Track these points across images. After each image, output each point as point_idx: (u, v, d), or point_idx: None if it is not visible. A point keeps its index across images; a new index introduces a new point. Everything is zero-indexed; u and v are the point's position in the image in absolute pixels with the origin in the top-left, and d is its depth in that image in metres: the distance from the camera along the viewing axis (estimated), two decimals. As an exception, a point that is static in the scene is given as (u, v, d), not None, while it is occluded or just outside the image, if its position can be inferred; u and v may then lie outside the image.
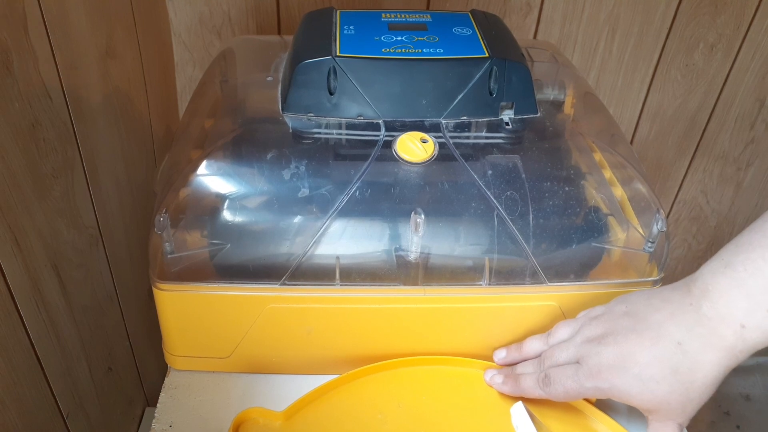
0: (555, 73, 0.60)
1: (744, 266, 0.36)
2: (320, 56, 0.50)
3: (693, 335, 0.37)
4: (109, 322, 0.71)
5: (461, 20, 0.56)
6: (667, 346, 0.38)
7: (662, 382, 0.38)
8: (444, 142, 0.50)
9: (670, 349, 0.38)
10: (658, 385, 0.38)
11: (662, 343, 0.38)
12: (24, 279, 0.51)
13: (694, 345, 0.37)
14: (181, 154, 0.52)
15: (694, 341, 0.37)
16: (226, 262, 0.48)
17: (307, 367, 0.51)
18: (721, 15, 0.89)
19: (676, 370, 0.38)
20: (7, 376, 0.50)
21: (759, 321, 0.36)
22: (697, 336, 0.37)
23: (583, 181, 0.51)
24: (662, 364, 0.38)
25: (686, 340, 0.37)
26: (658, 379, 0.38)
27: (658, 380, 0.38)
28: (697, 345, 0.37)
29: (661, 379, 0.38)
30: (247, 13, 0.83)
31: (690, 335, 0.37)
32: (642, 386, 0.39)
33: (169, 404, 0.50)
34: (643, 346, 0.38)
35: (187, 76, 0.88)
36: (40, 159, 0.53)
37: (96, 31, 0.62)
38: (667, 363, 0.38)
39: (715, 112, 0.99)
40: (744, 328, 0.36)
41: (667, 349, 0.38)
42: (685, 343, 0.37)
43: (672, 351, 0.38)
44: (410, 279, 0.48)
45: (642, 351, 0.38)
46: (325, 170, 0.48)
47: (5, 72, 0.47)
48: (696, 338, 0.37)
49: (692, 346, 0.37)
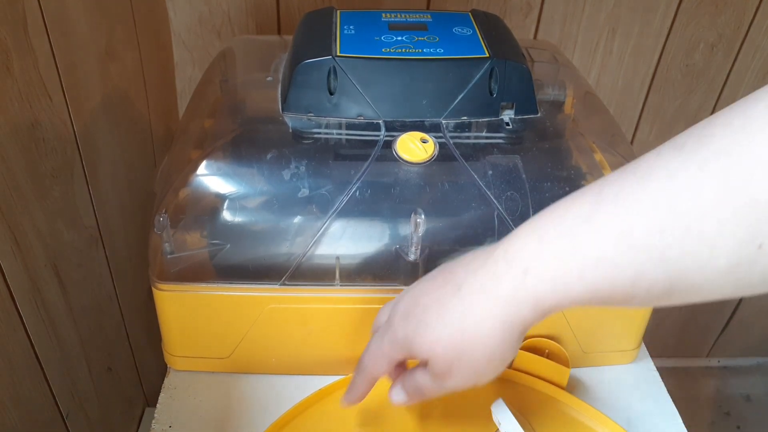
0: (555, 73, 0.60)
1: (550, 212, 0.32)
2: (320, 56, 0.50)
3: (474, 278, 0.33)
4: (109, 322, 0.71)
5: (461, 20, 0.56)
6: (449, 291, 0.34)
7: (431, 325, 0.35)
8: (444, 142, 0.50)
9: (451, 293, 0.34)
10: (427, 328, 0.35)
11: (447, 288, 0.35)
12: (24, 279, 0.51)
13: (471, 289, 0.33)
14: (180, 154, 0.52)
15: (472, 285, 0.33)
16: (226, 263, 0.48)
17: (307, 368, 0.51)
18: (722, 15, 0.89)
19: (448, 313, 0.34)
20: (7, 376, 0.50)
21: (544, 267, 0.31)
22: (477, 278, 0.33)
23: (584, 182, 0.51)
24: (439, 308, 0.35)
25: (466, 284, 0.34)
26: (429, 322, 0.35)
27: (428, 323, 0.35)
28: (474, 289, 0.33)
29: (431, 322, 0.35)
30: (247, 13, 0.83)
31: (471, 278, 0.34)
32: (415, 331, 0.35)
33: (169, 404, 0.50)
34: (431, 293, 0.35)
35: (187, 76, 0.88)
36: (39, 159, 0.52)
37: (96, 31, 0.62)
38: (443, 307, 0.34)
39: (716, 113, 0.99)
40: (526, 274, 0.31)
41: (448, 293, 0.34)
42: (464, 287, 0.34)
43: (451, 294, 0.34)
44: (410, 279, 0.48)
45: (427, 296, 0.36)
46: (325, 170, 0.48)
47: (5, 72, 0.46)
48: (475, 281, 0.33)
49: (469, 290, 0.34)
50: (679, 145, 0.28)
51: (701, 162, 0.27)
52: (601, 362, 0.54)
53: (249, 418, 0.49)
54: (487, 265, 0.33)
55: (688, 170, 0.27)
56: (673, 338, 1.30)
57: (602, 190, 0.30)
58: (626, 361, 0.55)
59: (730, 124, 0.27)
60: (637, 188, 0.28)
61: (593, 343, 0.53)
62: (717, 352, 1.34)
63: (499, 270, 0.32)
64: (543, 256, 0.31)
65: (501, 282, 0.32)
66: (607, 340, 0.53)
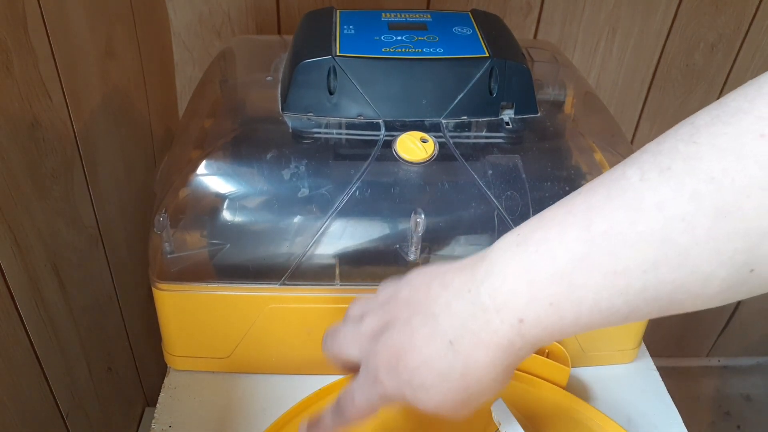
0: (555, 73, 0.60)
1: (537, 246, 0.29)
2: (320, 56, 0.50)
3: (465, 331, 0.31)
4: (109, 322, 0.71)
5: (461, 20, 0.56)
6: (438, 348, 0.32)
7: (432, 390, 0.32)
8: (444, 141, 0.50)
9: (442, 350, 0.32)
10: (428, 393, 0.33)
11: (434, 343, 0.32)
12: (24, 279, 0.51)
13: (466, 343, 0.31)
14: (180, 154, 0.52)
15: (466, 339, 0.31)
16: (226, 262, 0.48)
17: (307, 367, 0.51)
18: (722, 15, 0.89)
19: (446, 375, 0.32)
20: (6, 376, 0.50)
21: (539, 315, 0.29)
22: (470, 332, 0.31)
23: (584, 181, 0.51)
24: (432, 369, 0.32)
25: (458, 338, 0.31)
26: (427, 387, 0.32)
27: (427, 388, 0.32)
28: (468, 343, 0.31)
29: (430, 387, 0.32)
30: (247, 13, 0.83)
31: (462, 331, 0.31)
32: (413, 393, 0.33)
33: (169, 404, 0.50)
34: (415, 347, 0.32)
35: (187, 76, 0.88)
36: (39, 159, 0.52)
37: (96, 30, 0.62)
38: (437, 367, 0.32)
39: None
40: (522, 323, 0.30)
41: (439, 350, 0.32)
42: (457, 342, 0.31)
43: (443, 352, 0.32)
44: (410, 279, 0.48)
45: (414, 353, 0.32)
46: (325, 170, 0.48)
47: (5, 72, 0.46)
48: (468, 335, 0.31)
49: (464, 344, 0.31)
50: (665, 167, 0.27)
51: (692, 193, 0.25)
52: (601, 362, 0.54)
53: (249, 418, 0.49)
54: (475, 314, 0.31)
55: (678, 201, 0.26)
56: (673, 338, 1.30)
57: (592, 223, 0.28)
58: (626, 360, 0.55)
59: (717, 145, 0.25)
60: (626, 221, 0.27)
61: (593, 343, 0.53)
62: (717, 351, 1.34)
63: (492, 320, 0.30)
64: (537, 305, 0.29)
65: (496, 333, 0.30)
66: (607, 339, 0.53)
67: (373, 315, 0.36)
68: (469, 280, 0.32)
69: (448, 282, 0.33)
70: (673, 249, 0.26)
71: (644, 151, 0.28)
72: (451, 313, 0.32)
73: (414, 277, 0.35)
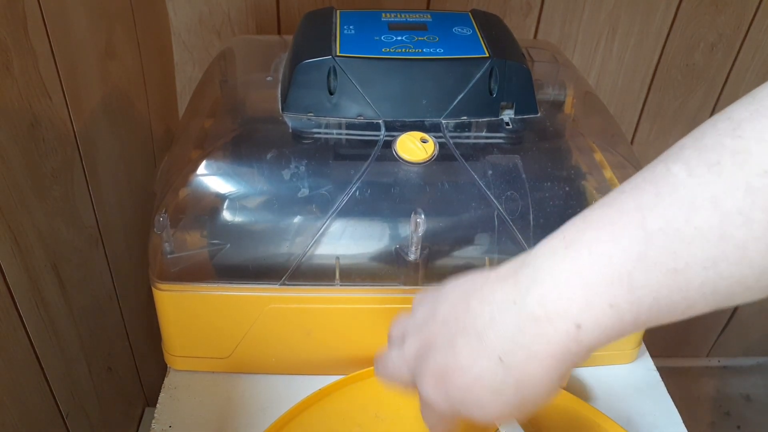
0: (555, 73, 0.60)
1: (589, 248, 0.28)
2: (320, 56, 0.50)
3: (515, 346, 0.30)
4: (109, 322, 0.71)
5: (461, 20, 0.56)
6: (487, 365, 0.31)
7: (488, 406, 0.32)
8: (444, 142, 0.50)
9: (492, 367, 0.31)
10: (484, 409, 0.32)
11: (482, 361, 0.31)
12: (24, 279, 0.51)
13: (517, 358, 0.30)
14: (180, 154, 0.52)
15: (516, 353, 0.30)
16: (226, 262, 0.48)
17: (307, 368, 0.51)
18: (722, 15, 0.89)
19: (500, 391, 0.31)
20: (6, 376, 0.50)
21: (597, 319, 0.28)
22: (520, 346, 0.30)
23: (584, 181, 0.51)
24: (484, 387, 0.31)
25: (508, 354, 0.30)
26: (483, 404, 0.32)
27: (483, 405, 0.32)
28: (520, 358, 0.30)
29: (486, 404, 0.32)
30: (247, 13, 0.83)
31: (512, 346, 0.30)
32: (468, 411, 0.33)
33: (169, 404, 0.50)
34: (463, 366, 0.32)
35: (187, 76, 0.88)
36: (39, 159, 0.52)
37: (96, 31, 0.62)
38: (489, 385, 0.31)
39: (716, 113, 0.99)
40: (579, 329, 0.29)
41: (489, 368, 0.31)
42: (507, 357, 0.30)
43: (493, 370, 0.31)
44: (410, 279, 0.48)
45: (462, 372, 0.32)
46: (325, 170, 0.48)
47: (5, 72, 0.46)
48: (519, 349, 0.30)
49: (515, 359, 0.30)
50: (713, 162, 0.26)
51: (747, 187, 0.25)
52: (601, 362, 0.54)
53: (249, 418, 0.49)
54: (524, 326, 0.30)
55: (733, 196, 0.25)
56: (673, 338, 1.30)
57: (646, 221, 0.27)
58: (626, 361, 0.55)
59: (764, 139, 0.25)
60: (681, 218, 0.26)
61: (593, 343, 0.53)
62: (717, 352, 1.34)
63: (544, 331, 0.29)
64: (595, 308, 0.28)
65: (550, 343, 0.29)
66: (607, 340, 0.53)
67: (413, 337, 0.35)
68: (512, 291, 0.31)
69: (487, 296, 0.32)
70: (731, 244, 0.26)
71: (683, 147, 0.28)
72: (497, 328, 0.31)
73: (449, 293, 0.34)
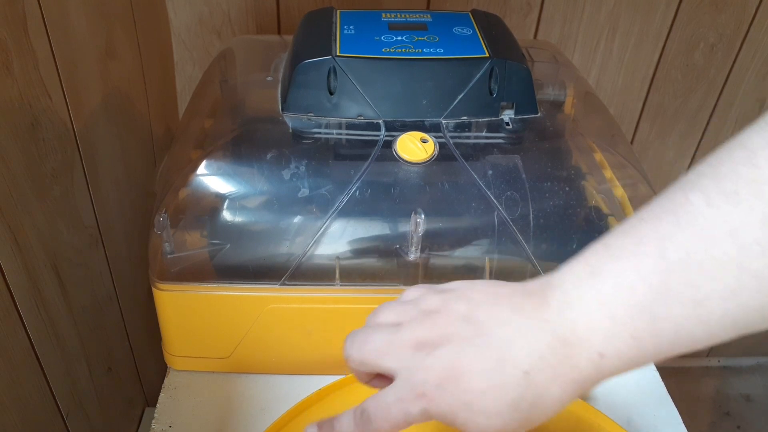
0: (555, 73, 0.60)
1: (613, 279, 0.29)
2: (320, 56, 0.50)
3: (544, 364, 0.30)
4: (109, 322, 0.71)
5: (461, 20, 0.56)
6: (511, 376, 0.30)
7: (496, 417, 0.31)
8: (444, 142, 0.50)
9: (514, 380, 0.30)
10: (489, 420, 0.31)
11: (506, 370, 0.30)
12: (24, 279, 0.51)
13: (543, 376, 0.30)
14: (180, 154, 0.52)
15: (544, 371, 0.30)
16: (226, 262, 0.48)
17: (307, 368, 0.51)
18: (722, 15, 0.89)
19: (515, 405, 0.30)
20: (6, 376, 0.50)
21: (619, 349, 0.29)
22: (549, 366, 0.30)
23: (584, 181, 0.51)
24: (501, 396, 0.30)
25: (535, 370, 0.30)
26: (491, 414, 0.30)
27: (490, 414, 0.30)
28: (546, 377, 0.30)
29: (495, 414, 0.31)
30: (247, 13, 0.83)
31: (541, 364, 0.30)
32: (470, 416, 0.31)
33: (169, 404, 0.50)
34: (481, 370, 0.31)
35: (187, 76, 0.88)
36: (39, 159, 0.52)
37: (96, 31, 0.62)
38: (508, 395, 0.30)
39: (716, 112, 0.99)
40: (602, 358, 0.29)
41: (512, 379, 0.30)
42: (534, 374, 0.30)
43: (516, 383, 0.30)
44: (410, 279, 0.48)
45: (479, 376, 0.31)
46: (325, 170, 0.48)
47: (5, 72, 0.46)
48: (547, 368, 0.30)
49: (540, 377, 0.30)
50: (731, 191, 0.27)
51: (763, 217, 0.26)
52: (601, 362, 0.54)
53: (249, 418, 0.49)
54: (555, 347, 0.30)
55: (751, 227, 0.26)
56: (673, 338, 1.30)
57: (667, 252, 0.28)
58: (626, 361, 0.55)
59: None
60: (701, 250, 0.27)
61: (593, 343, 0.53)
62: (717, 352, 1.34)
63: (573, 355, 0.30)
64: (618, 339, 0.29)
65: (575, 368, 0.30)
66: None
67: (417, 324, 0.33)
68: (543, 309, 0.31)
69: (517, 306, 0.32)
70: (750, 275, 0.26)
71: (701, 175, 0.28)
72: (527, 343, 0.31)
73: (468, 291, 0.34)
